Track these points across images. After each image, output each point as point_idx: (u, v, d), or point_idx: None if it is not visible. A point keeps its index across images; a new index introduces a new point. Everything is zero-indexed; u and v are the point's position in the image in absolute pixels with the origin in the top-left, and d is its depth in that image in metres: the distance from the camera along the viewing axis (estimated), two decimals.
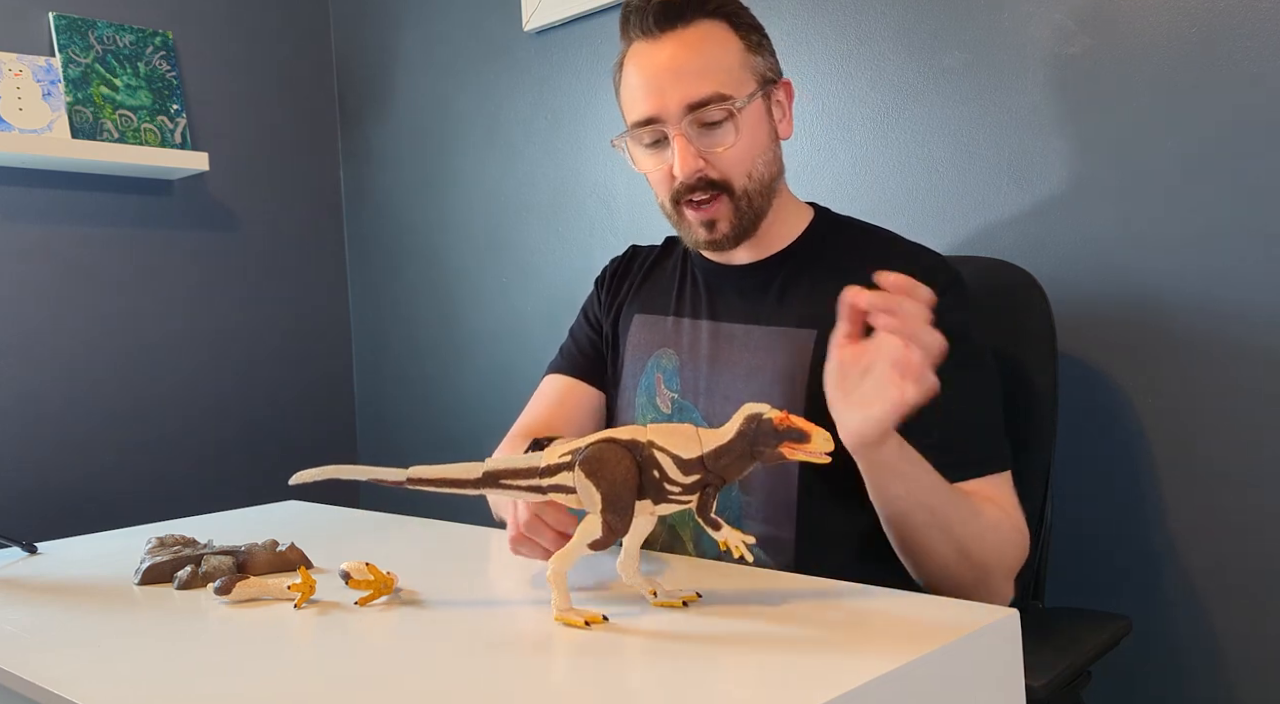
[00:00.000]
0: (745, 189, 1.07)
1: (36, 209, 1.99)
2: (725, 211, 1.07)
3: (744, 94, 1.05)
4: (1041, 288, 1.20)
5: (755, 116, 1.07)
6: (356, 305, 2.45)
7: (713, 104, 1.03)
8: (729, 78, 1.04)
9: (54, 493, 1.99)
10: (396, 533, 1.17)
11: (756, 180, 1.07)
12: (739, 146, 1.05)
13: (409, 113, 2.27)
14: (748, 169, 1.06)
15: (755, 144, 1.06)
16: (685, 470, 0.71)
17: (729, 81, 1.04)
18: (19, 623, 0.84)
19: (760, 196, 1.08)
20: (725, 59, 1.05)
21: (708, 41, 1.05)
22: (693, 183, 1.06)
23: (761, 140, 1.07)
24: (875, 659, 0.62)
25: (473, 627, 0.75)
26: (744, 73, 1.06)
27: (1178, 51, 1.23)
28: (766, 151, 1.08)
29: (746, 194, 1.07)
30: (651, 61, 1.06)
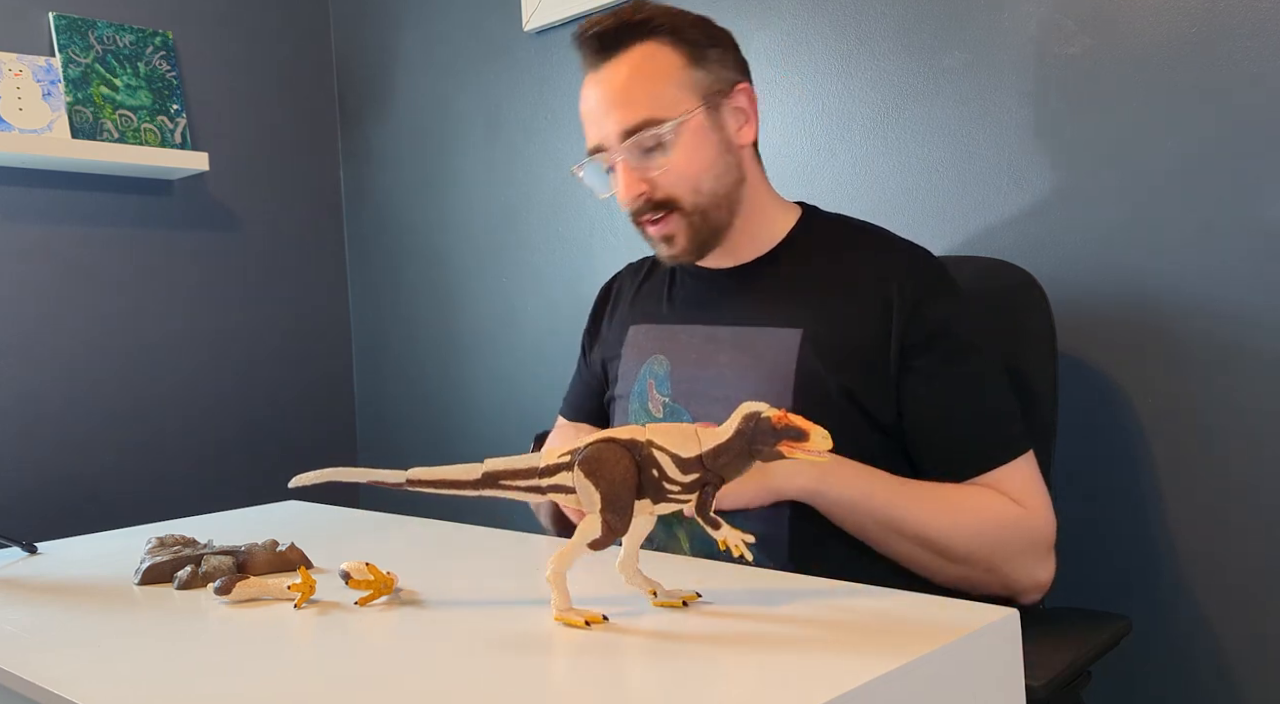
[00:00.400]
0: (695, 205, 1.08)
1: (36, 209, 1.99)
2: (679, 227, 1.09)
3: (679, 113, 1.06)
4: (1041, 288, 1.20)
5: (696, 133, 1.07)
6: (356, 305, 2.45)
7: (646, 129, 1.05)
8: (660, 100, 1.06)
9: (54, 493, 1.99)
10: (396, 533, 1.17)
11: (708, 194, 1.08)
12: (678, 166, 1.06)
13: (409, 113, 2.27)
14: (693, 185, 1.07)
15: (698, 160, 1.07)
16: (684, 469, 0.71)
17: (660, 104, 1.06)
18: (19, 623, 0.84)
19: (716, 209, 1.09)
20: (658, 81, 1.06)
21: (642, 65, 1.07)
22: (638, 206, 1.09)
23: (707, 155, 1.08)
24: (875, 659, 0.62)
25: (473, 627, 0.75)
26: (681, 91, 1.07)
27: (1178, 51, 1.23)
28: (716, 164, 1.08)
29: (698, 209, 1.08)
30: (591, 93, 1.11)
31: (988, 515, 0.99)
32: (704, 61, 1.08)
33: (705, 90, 1.08)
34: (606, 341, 1.29)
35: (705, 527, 0.72)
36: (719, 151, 1.09)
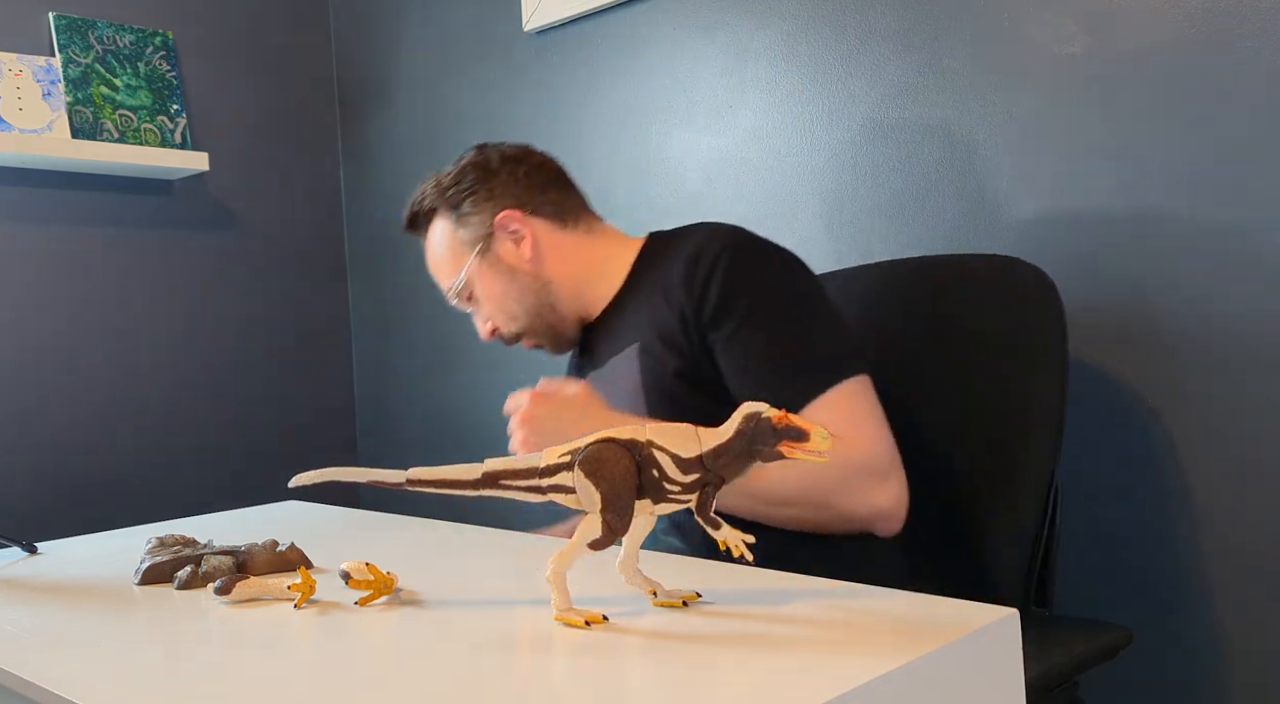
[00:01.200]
0: (522, 326, 1.27)
1: (36, 209, 1.99)
2: (530, 342, 1.29)
3: (459, 271, 1.26)
4: (1051, 281, 1.17)
5: (482, 277, 1.25)
6: (356, 305, 2.45)
7: (452, 292, 1.28)
8: (449, 266, 1.27)
9: (54, 493, 1.99)
10: (396, 533, 1.17)
11: (521, 315, 1.26)
12: (487, 308, 1.27)
13: (409, 113, 2.27)
14: (507, 316, 1.27)
15: (495, 296, 1.26)
16: (684, 469, 0.71)
17: (451, 269, 1.27)
18: (19, 623, 0.84)
19: (539, 319, 1.26)
20: (442, 251, 1.28)
21: (432, 243, 1.30)
22: (496, 341, 1.30)
23: (499, 288, 1.25)
24: (875, 659, 0.62)
25: (473, 627, 0.75)
26: (458, 252, 1.26)
27: (1178, 51, 1.23)
28: (511, 290, 1.25)
29: (527, 328, 1.27)
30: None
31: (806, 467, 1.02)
32: (464, 219, 1.26)
33: (473, 240, 1.26)
34: None
35: (705, 526, 0.72)
36: (508, 280, 1.25)
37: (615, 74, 1.86)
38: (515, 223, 1.25)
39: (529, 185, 1.26)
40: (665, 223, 1.77)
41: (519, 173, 1.27)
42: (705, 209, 1.74)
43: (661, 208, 1.80)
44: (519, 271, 1.25)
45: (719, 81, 1.71)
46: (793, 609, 0.74)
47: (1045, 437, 1.12)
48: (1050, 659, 0.95)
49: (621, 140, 1.86)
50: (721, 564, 0.91)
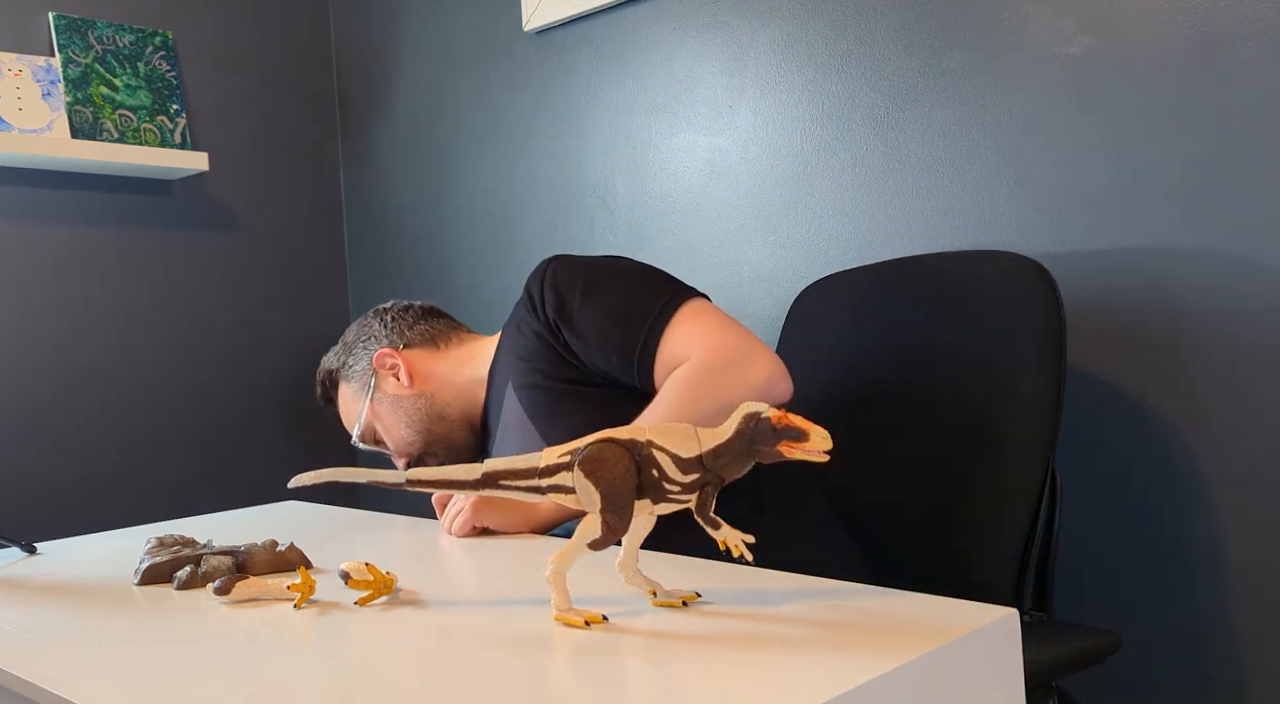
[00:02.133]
0: (419, 446, 1.39)
1: (36, 209, 1.99)
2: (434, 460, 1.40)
3: (360, 417, 1.41)
4: (1051, 278, 1.17)
5: (378, 415, 1.40)
6: (356, 305, 2.45)
7: (356, 438, 1.43)
8: (353, 415, 1.44)
9: (54, 493, 1.99)
10: (396, 533, 1.17)
11: (415, 435, 1.38)
12: (390, 440, 1.40)
13: (409, 113, 2.27)
14: (405, 443, 1.39)
15: (389, 426, 1.40)
16: (684, 469, 0.71)
17: (353, 417, 1.43)
18: (19, 623, 0.84)
19: (428, 435, 1.38)
20: (347, 408, 1.45)
21: (340, 404, 1.47)
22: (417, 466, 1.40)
23: (390, 418, 1.39)
24: (875, 659, 0.62)
25: (473, 627, 0.75)
26: (353, 401, 1.43)
27: (1178, 51, 1.23)
28: (400, 415, 1.38)
29: (427, 448, 1.39)
30: None
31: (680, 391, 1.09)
32: (350, 373, 1.44)
33: (362, 387, 1.42)
34: None
35: (705, 527, 0.72)
36: (395, 407, 1.39)
37: (615, 74, 1.86)
38: (390, 358, 1.40)
39: (397, 326, 1.44)
40: (665, 223, 1.77)
41: (387, 319, 1.45)
42: (705, 209, 1.74)
43: (661, 208, 1.80)
44: (403, 398, 1.39)
45: (719, 81, 1.71)
46: (793, 609, 0.74)
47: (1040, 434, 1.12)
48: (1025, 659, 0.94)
49: (621, 140, 1.86)
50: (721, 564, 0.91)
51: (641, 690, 0.60)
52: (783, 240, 1.63)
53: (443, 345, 1.44)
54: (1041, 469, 1.12)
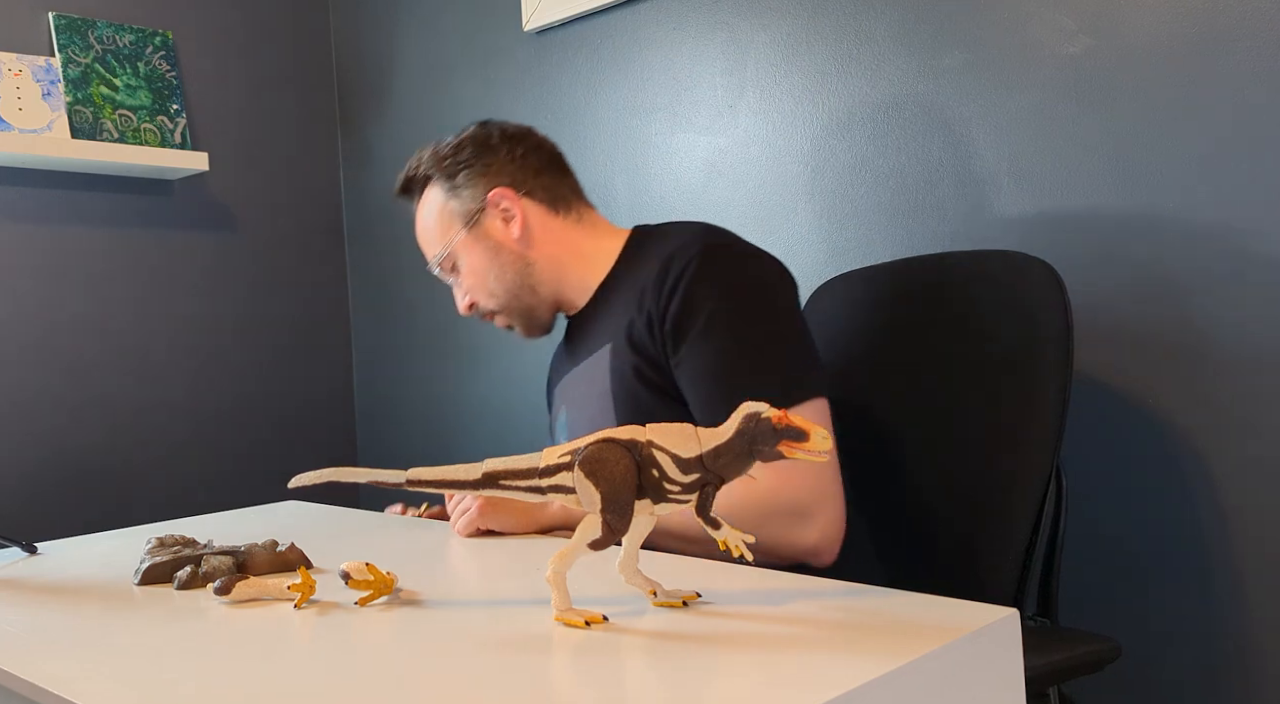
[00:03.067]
0: (499, 304, 1.28)
1: (36, 209, 1.99)
2: (504, 321, 1.30)
3: (447, 242, 1.27)
4: (1059, 278, 1.15)
5: (468, 251, 1.26)
6: (356, 305, 2.45)
7: (435, 262, 1.30)
8: (438, 236, 1.28)
9: (54, 493, 1.99)
10: (396, 533, 1.17)
11: (501, 293, 1.27)
12: (468, 282, 1.28)
13: (409, 113, 2.27)
14: (486, 292, 1.28)
15: (478, 272, 1.27)
16: (684, 469, 0.71)
17: (438, 239, 1.28)
18: (19, 623, 0.84)
19: (517, 299, 1.27)
20: (432, 221, 1.29)
21: (424, 211, 1.31)
22: (472, 315, 1.31)
23: (482, 264, 1.26)
24: (875, 659, 0.62)
25: (473, 627, 0.75)
26: (448, 223, 1.27)
27: (1178, 51, 1.23)
28: (494, 267, 1.26)
29: (503, 307, 1.28)
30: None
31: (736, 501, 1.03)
32: (457, 192, 1.27)
33: (464, 214, 1.26)
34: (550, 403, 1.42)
35: (705, 527, 0.72)
36: (492, 257, 1.26)
37: (615, 74, 1.86)
38: (507, 201, 1.25)
39: (525, 166, 1.27)
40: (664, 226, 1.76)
41: (517, 152, 1.27)
42: (705, 209, 1.74)
43: (661, 208, 1.80)
44: (504, 250, 1.25)
45: (719, 81, 1.71)
46: (793, 609, 0.74)
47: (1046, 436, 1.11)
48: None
49: (621, 140, 1.86)
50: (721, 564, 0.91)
51: (641, 690, 0.60)
52: (783, 240, 1.63)
53: (562, 212, 1.28)
54: (1046, 471, 1.11)
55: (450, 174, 1.27)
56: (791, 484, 1.04)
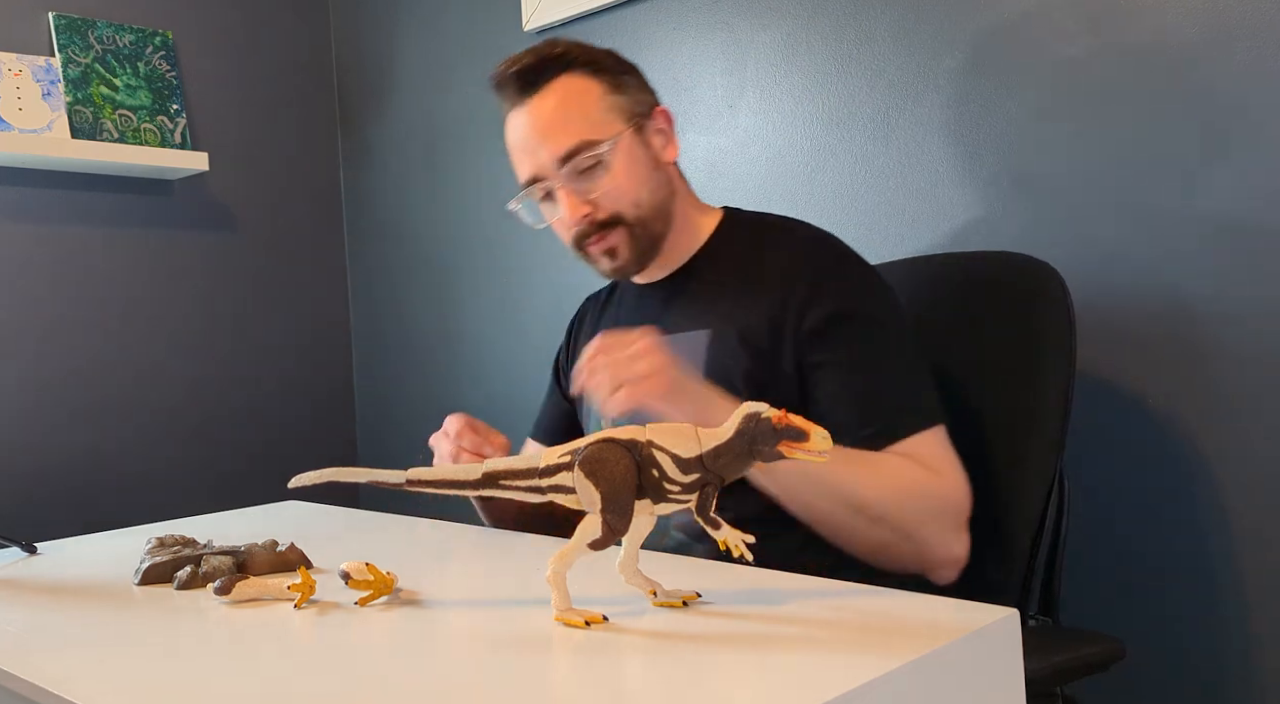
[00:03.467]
0: (637, 218, 1.14)
1: (36, 209, 1.99)
2: (622, 239, 1.15)
3: (610, 135, 1.12)
4: (1061, 279, 1.16)
5: (628, 152, 1.14)
6: (356, 305, 2.45)
7: (583, 152, 1.11)
8: (592, 124, 1.13)
9: (54, 493, 1.99)
10: (396, 533, 1.17)
11: (647, 207, 1.15)
12: (617, 184, 1.13)
13: (409, 113, 2.27)
14: (633, 200, 1.14)
15: (634, 176, 1.14)
16: (684, 470, 0.71)
17: (592, 127, 1.12)
18: (19, 623, 0.84)
19: (655, 221, 1.16)
20: (585, 107, 1.13)
21: (566, 96, 1.14)
22: (584, 228, 1.14)
23: (642, 171, 1.14)
24: (875, 659, 0.62)
25: (473, 627, 0.75)
26: (608, 115, 1.14)
27: (1178, 51, 1.23)
28: (649, 180, 1.15)
29: (640, 222, 1.15)
30: (521, 125, 1.15)
31: (903, 475, 1.00)
32: (622, 87, 1.16)
33: (628, 113, 1.15)
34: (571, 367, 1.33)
35: (705, 527, 0.72)
36: (650, 168, 1.16)
37: None
38: (667, 122, 1.19)
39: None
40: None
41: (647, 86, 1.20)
42: None
43: None
44: (660, 167, 1.17)
45: (719, 81, 1.71)
46: (793, 609, 0.74)
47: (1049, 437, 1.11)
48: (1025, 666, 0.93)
49: None
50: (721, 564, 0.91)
51: (641, 690, 0.60)
52: None
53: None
54: (1050, 473, 1.11)
55: (614, 70, 1.17)
56: (962, 486, 1.02)
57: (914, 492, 1.00)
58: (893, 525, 0.99)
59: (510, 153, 1.18)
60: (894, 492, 0.99)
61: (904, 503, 0.99)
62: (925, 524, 1.00)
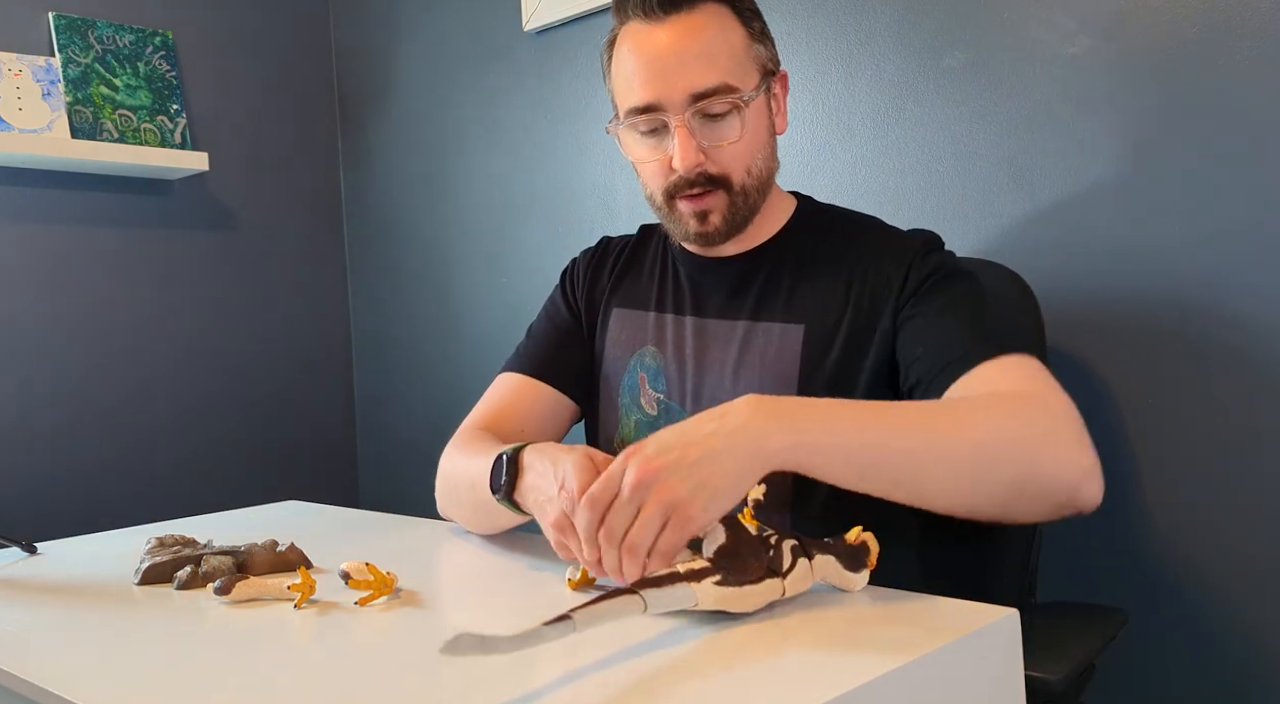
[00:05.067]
0: (744, 185, 1.04)
1: (36, 209, 1.99)
2: (720, 204, 1.04)
3: (750, 86, 1.01)
4: (1027, 285, 1.19)
5: (759, 111, 1.04)
6: (356, 305, 2.45)
7: (719, 95, 0.99)
8: (736, 67, 1.00)
9: (54, 493, 1.99)
10: (396, 533, 1.17)
11: (755, 176, 1.04)
12: (743, 142, 1.01)
13: (409, 113, 2.27)
14: (747, 164, 1.03)
15: (757, 139, 1.03)
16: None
17: (736, 71, 1.00)
18: (19, 623, 0.84)
19: (757, 193, 1.06)
20: (731, 47, 1.01)
21: (713, 27, 1.00)
22: (692, 177, 1.02)
23: (762, 136, 1.04)
24: (875, 659, 0.62)
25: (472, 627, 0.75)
26: (749, 63, 1.02)
27: (1178, 51, 1.23)
28: (765, 147, 1.05)
29: (744, 190, 1.04)
30: (653, 44, 1.01)
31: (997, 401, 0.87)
32: (762, 38, 1.05)
33: (763, 67, 1.04)
34: (590, 311, 1.22)
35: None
36: (768, 135, 1.06)
37: None
38: (784, 91, 1.09)
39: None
40: None
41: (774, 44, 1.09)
42: None
43: None
44: (772, 135, 1.08)
45: None
46: (793, 609, 0.74)
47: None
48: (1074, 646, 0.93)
49: None
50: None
51: (641, 691, 0.60)
52: None
53: None
54: None
55: (754, 13, 1.05)
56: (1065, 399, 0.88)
57: (1016, 410, 0.86)
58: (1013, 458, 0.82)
59: (623, 74, 1.04)
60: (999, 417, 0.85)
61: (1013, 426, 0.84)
62: (1044, 441, 0.84)
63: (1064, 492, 0.83)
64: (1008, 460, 0.82)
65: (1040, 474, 0.82)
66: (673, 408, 1.11)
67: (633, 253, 1.22)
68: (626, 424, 1.15)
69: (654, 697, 0.59)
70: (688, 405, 1.10)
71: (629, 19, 1.04)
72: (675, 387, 1.10)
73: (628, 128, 1.05)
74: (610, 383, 1.17)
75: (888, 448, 0.81)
